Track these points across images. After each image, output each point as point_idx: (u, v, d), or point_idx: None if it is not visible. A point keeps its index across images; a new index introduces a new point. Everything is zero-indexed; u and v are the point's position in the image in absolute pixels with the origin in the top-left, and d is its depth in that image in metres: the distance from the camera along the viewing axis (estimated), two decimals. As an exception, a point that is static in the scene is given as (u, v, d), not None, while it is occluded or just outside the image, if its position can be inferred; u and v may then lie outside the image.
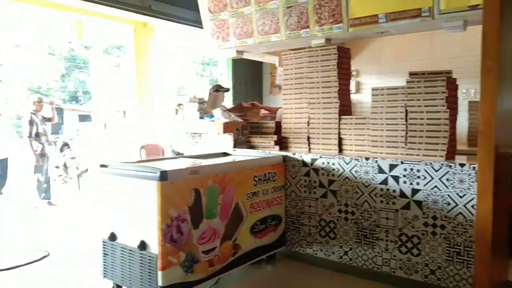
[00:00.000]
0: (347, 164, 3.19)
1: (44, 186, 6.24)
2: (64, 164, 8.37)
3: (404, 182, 2.92)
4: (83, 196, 7.24)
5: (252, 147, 3.89)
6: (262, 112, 4.82)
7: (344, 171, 3.21)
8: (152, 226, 2.48)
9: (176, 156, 4.29)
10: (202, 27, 4.51)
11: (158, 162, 3.19)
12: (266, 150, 3.74)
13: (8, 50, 19.34)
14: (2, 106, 15.71)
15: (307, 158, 3.43)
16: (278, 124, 3.82)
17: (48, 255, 3.80)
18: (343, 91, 3.44)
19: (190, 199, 2.63)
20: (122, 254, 2.70)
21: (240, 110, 4.30)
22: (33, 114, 6.12)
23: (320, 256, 3.40)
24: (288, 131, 3.72)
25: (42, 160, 6.15)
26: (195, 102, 4.12)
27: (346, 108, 3.50)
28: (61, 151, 9.14)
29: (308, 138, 3.57)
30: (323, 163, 3.33)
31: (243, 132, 4.00)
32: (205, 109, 4.11)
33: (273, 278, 3.34)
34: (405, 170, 2.91)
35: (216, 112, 3.95)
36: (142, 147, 6.27)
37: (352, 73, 6.19)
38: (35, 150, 6.07)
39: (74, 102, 23.25)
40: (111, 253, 2.77)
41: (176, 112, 6.80)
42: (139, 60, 6.97)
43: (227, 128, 3.79)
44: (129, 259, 2.65)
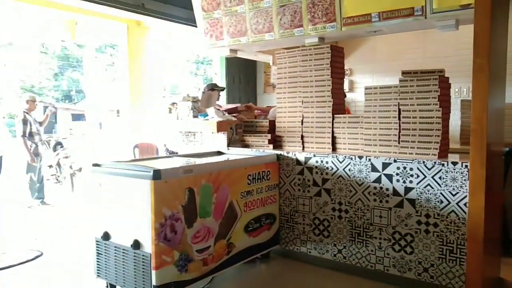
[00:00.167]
0: (341, 162, 3.20)
1: (37, 185, 6.20)
2: (58, 163, 8.31)
3: (397, 181, 2.93)
4: (77, 196, 7.20)
5: (246, 146, 3.89)
6: (255, 111, 4.81)
7: (337, 169, 3.23)
8: (146, 225, 2.47)
9: (170, 155, 4.28)
10: (196, 26, 4.51)
11: (151, 161, 3.18)
12: (260, 149, 3.74)
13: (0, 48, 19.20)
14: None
15: (301, 156, 3.44)
16: (272, 123, 3.82)
17: (41, 255, 3.78)
18: (336, 90, 3.45)
19: (184, 198, 2.63)
20: (115, 253, 2.69)
21: (235, 113, 4.28)
22: (26, 113, 6.07)
23: (314, 254, 3.41)
24: (282, 130, 3.72)
25: (35, 159, 6.12)
26: (188, 100, 4.10)
27: (339, 107, 3.51)
28: (54, 150, 9.08)
29: (302, 137, 3.58)
30: (317, 162, 3.34)
31: (237, 131, 3.99)
32: (199, 107, 4.10)
33: (267, 276, 3.35)
34: (398, 168, 2.93)
35: (210, 111, 3.95)
36: (136, 146, 6.23)
37: (346, 72, 6.21)
38: (29, 149, 6.03)
39: (67, 101, 23.10)
40: (105, 252, 2.76)
41: (170, 111, 6.77)
42: (132, 58, 6.95)
43: (221, 127, 3.78)
44: (122, 259, 2.64)
